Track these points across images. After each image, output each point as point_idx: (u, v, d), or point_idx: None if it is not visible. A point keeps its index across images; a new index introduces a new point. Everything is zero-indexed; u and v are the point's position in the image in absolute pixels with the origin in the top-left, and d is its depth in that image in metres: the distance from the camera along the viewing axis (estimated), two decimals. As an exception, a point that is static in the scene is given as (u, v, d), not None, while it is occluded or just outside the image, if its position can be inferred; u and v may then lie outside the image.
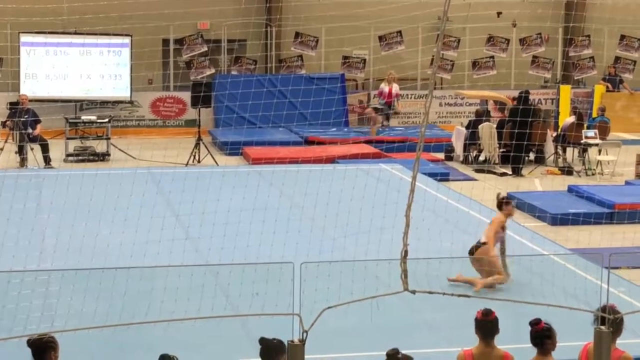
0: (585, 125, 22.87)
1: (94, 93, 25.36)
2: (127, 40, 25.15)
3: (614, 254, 11.71)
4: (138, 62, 24.75)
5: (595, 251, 12.78)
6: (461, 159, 22.74)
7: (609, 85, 28.24)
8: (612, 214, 16.33)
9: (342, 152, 22.28)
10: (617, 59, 29.05)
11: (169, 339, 8.72)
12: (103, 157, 22.26)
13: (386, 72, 26.56)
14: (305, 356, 5.33)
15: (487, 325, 7.48)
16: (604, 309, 6.14)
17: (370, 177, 16.29)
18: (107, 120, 23.12)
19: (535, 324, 7.48)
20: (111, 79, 25.41)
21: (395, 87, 26.82)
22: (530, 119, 20.32)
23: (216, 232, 12.44)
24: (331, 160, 21.28)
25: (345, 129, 26.43)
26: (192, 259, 11.63)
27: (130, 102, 26.14)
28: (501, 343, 7.60)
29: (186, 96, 25.09)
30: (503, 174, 21.19)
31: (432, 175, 19.08)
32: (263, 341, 7.10)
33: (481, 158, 22.49)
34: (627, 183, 19.47)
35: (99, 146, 22.47)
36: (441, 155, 23.02)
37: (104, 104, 25.67)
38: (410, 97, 28.26)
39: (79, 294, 9.27)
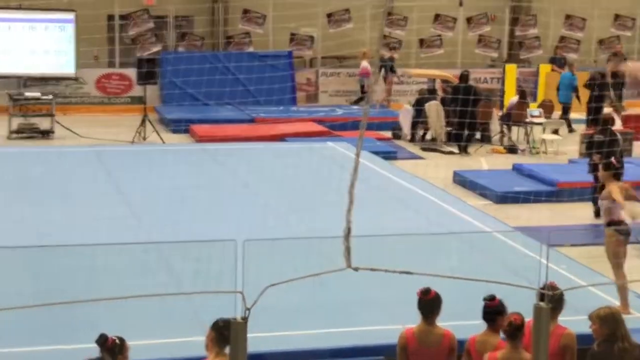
0: (529, 104, 23.10)
1: (37, 69, 24.98)
2: (71, 15, 24.79)
3: (554, 231, 11.86)
4: (83, 37, 24.44)
5: (537, 229, 12.90)
6: (408, 137, 22.82)
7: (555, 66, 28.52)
8: (556, 192, 16.49)
9: (289, 131, 22.23)
10: (563, 38, 29.28)
11: (112, 317, 8.64)
12: (47, 134, 21.99)
13: (333, 50, 26.63)
14: (248, 334, 5.30)
15: (426, 304, 7.51)
16: (545, 286, 6.19)
17: (316, 155, 16.31)
18: (51, 97, 22.84)
19: (490, 299, 7.52)
20: (55, 55, 25.04)
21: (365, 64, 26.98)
22: (471, 97, 20.44)
23: (159, 210, 12.37)
24: (278, 138, 21.24)
25: (293, 107, 26.37)
26: (135, 237, 11.53)
27: (75, 78, 25.82)
28: (443, 320, 7.64)
29: (132, 73, 24.85)
30: (449, 153, 21.31)
31: (379, 153, 19.15)
32: (221, 322, 6.99)
33: (428, 137, 22.59)
34: (571, 162, 19.67)
35: (43, 123, 22.19)
36: (389, 134, 23.09)
37: (47, 80, 25.34)
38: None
39: (19, 272, 9.16)
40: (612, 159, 11.16)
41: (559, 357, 7.29)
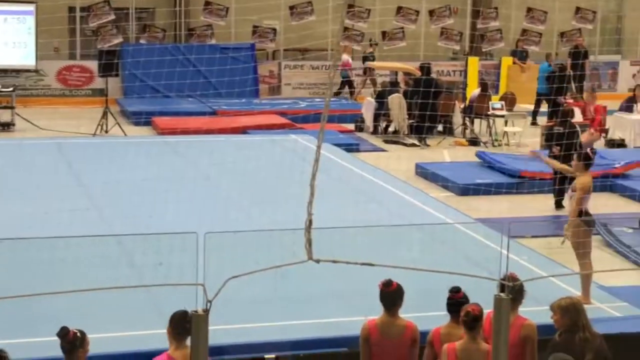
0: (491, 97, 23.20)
1: (-3, 61, 24.76)
2: (31, 7, 24.57)
3: (514, 222, 11.95)
4: (43, 28, 24.23)
5: (499, 220, 12.97)
6: (371, 130, 22.86)
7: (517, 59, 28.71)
8: (517, 184, 16.59)
9: (251, 123, 22.18)
10: (524, 31, 29.43)
11: (74, 310, 8.58)
12: (7, 126, 21.78)
13: (295, 42, 26.64)
14: (210, 327, 5.28)
15: (388, 296, 7.51)
16: (506, 277, 6.21)
17: (278, 148, 16.28)
18: (11, 89, 22.62)
19: (455, 292, 7.55)
20: (15, 47, 24.81)
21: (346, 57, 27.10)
22: (432, 90, 20.49)
23: (121, 202, 12.29)
24: (241, 131, 21.19)
25: (256, 100, 26.32)
26: (96, 229, 11.45)
27: (36, 70, 25.60)
28: (405, 311, 7.66)
29: (93, 65, 24.68)
30: (412, 145, 21.36)
31: (342, 146, 19.18)
32: (177, 314, 7.00)
33: (391, 129, 22.64)
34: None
35: (3, 116, 21.98)
36: (352, 126, 23.12)
37: (7, 72, 25.09)
38: (321, 68, 28.26)
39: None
40: (588, 150, 11.25)
41: (519, 347, 7.32)
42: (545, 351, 7.32)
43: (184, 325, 6.92)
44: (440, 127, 22.48)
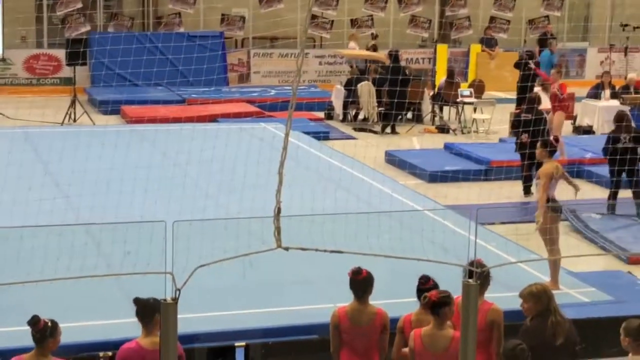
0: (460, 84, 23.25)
1: (-38, 51, 24.52)
2: (-3, -5, 24.34)
3: (482, 208, 12.00)
4: (10, 17, 24.01)
5: (468, 207, 13.02)
6: (340, 117, 22.87)
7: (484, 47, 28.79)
8: (486, 171, 16.66)
9: (220, 111, 22.12)
10: (492, 18, 29.51)
11: (43, 300, 8.53)
12: (-27, 116, 21.61)
13: (264, 30, 26.59)
14: (179, 315, 5.27)
15: (358, 284, 7.53)
16: (472, 263, 6.24)
17: (248, 136, 16.26)
18: (-23, 78, 22.45)
19: (425, 280, 7.58)
20: (-19, 36, 24.57)
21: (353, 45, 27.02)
22: (400, 77, 20.51)
23: (88, 191, 12.22)
24: (210, 119, 21.13)
25: (225, 88, 26.25)
26: (63, 218, 11.38)
27: (3, 59, 25.37)
28: (375, 298, 7.68)
29: (61, 54, 24.50)
30: (381, 132, 21.37)
31: (311, 133, 19.19)
32: (138, 301, 7.05)
33: (360, 117, 22.66)
34: (501, 141, 19.86)
35: (-31, 105, 21.80)
36: (321, 114, 23.11)
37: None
38: (291, 56, 28.20)
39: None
40: (551, 138, 11.30)
41: (486, 332, 7.36)
42: (517, 336, 7.36)
43: (145, 311, 6.95)
44: (409, 115, 22.53)
